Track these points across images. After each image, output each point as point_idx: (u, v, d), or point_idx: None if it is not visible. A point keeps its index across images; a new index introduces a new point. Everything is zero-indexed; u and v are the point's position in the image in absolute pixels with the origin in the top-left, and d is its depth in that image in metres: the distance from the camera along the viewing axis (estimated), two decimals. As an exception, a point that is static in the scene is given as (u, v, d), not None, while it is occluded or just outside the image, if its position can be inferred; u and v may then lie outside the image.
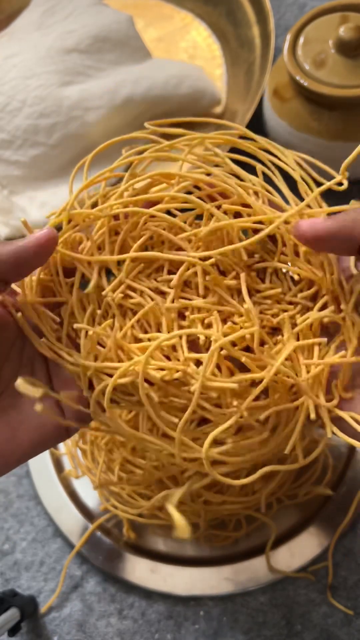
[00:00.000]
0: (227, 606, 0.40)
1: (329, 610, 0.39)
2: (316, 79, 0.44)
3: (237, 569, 0.39)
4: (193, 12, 0.64)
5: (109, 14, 0.57)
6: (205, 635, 0.39)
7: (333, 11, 0.46)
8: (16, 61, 0.54)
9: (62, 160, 0.54)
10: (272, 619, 0.39)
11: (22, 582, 0.42)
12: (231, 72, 0.60)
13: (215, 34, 0.63)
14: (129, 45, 0.57)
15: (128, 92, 0.54)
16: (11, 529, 0.44)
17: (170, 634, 0.39)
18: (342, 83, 0.43)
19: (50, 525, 0.44)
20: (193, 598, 0.40)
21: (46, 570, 0.43)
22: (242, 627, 0.39)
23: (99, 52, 0.55)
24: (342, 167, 0.26)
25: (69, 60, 0.54)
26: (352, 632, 0.38)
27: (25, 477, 0.46)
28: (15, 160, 0.53)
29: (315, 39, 0.45)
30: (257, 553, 0.40)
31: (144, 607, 0.40)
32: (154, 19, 0.65)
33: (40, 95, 0.52)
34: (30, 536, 0.44)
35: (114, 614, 0.40)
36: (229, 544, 0.39)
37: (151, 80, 0.54)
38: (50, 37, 0.55)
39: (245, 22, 0.59)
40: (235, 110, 0.56)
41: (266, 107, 0.50)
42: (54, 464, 0.45)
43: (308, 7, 0.63)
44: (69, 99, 0.52)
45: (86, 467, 0.40)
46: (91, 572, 0.42)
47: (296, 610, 0.39)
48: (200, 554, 0.40)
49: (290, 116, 0.47)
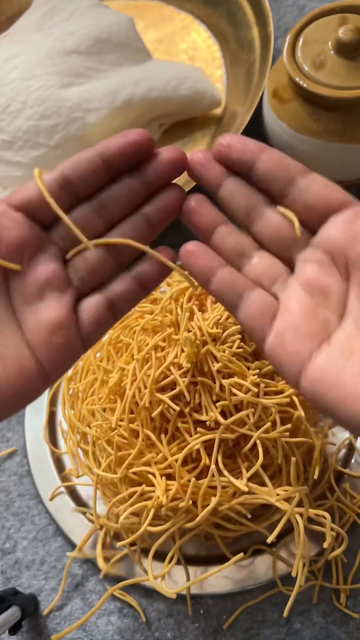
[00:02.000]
0: (227, 604, 0.40)
1: (328, 608, 0.39)
2: (315, 80, 0.44)
3: (236, 568, 0.40)
4: (193, 14, 0.65)
5: (109, 16, 0.57)
6: (205, 633, 0.39)
7: (332, 13, 0.46)
8: (17, 62, 0.54)
9: (63, 161, 0.54)
10: (271, 617, 0.39)
11: (22, 581, 0.43)
12: (231, 74, 0.60)
13: (215, 35, 0.63)
14: (130, 46, 0.57)
15: (128, 93, 0.54)
16: (12, 527, 0.45)
17: (170, 633, 0.39)
18: (342, 84, 0.43)
19: (51, 524, 0.44)
20: (193, 596, 0.40)
21: (47, 569, 0.43)
22: (242, 626, 0.39)
23: (99, 54, 0.55)
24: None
25: (69, 62, 0.54)
26: (351, 631, 0.38)
27: (26, 476, 0.46)
28: (16, 161, 0.54)
29: (314, 41, 0.45)
30: (257, 552, 0.40)
31: (144, 606, 0.40)
32: (155, 20, 0.65)
33: (41, 97, 0.52)
34: (31, 535, 0.44)
35: (115, 613, 0.40)
36: (229, 542, 0.40)
37: (151, 82, 0.55)
38: (50, 39, 0.55)
39: (245, 24, 0.59)
40: (234, 111, 0.56)
41: (265, 109, 0.51)
42: (55, 463, 0.45)
43: (307, 9, 0.63)
44: (69, 101, 0.53)
45: (87, 466, 0.41)
46: (91, 570, 0.42)
47: (295, 608, 0.39)
48: (200, 553, 0.41)
49: (290, 117, 0.47)
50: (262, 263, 0.25)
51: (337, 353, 0.22)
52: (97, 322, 0.25)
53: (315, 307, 0.24)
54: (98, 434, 0.37)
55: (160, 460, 0.35)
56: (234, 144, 0.25)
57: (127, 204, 0.25)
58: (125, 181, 0.25)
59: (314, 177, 0.25)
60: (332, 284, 0.24)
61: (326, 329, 0.23)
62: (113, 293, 0.25)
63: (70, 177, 0.25)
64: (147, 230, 0.25)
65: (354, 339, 0.23)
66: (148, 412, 0.35)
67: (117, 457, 0.36)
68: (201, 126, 0.58)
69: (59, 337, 0.24)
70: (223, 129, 0.56)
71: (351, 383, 0.22)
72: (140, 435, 0.35)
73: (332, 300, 0.24)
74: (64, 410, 0.42)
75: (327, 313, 0.24)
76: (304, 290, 0.24)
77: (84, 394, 0.41)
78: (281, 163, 0.25)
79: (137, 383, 0.35)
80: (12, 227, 0.24)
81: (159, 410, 0.34)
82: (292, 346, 0.23)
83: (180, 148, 0.25)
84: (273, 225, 0.25)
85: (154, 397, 0.35)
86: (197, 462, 0.35)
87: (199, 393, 0.34)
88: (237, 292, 0.25)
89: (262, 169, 0.25)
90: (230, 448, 0.35)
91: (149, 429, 0.35)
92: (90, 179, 0.25)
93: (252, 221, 0.25)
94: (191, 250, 0.25)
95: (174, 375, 0.34)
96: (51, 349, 0.24)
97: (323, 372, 0.22)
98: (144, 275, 0.26)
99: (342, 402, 0.22)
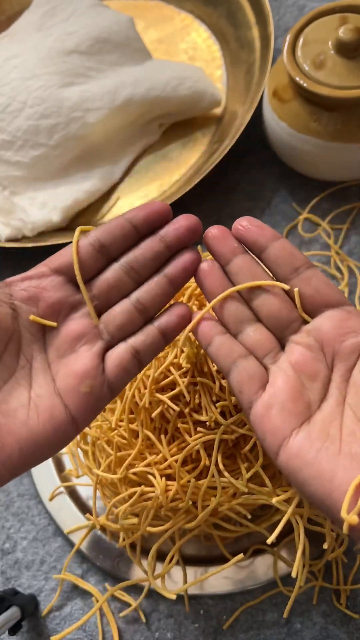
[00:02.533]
0: (227, 605, 0.40)
1: (328, 609, 0.39)
2: (316, 80, 0.44)
3: (236, 568, 0.40)
4: (193, 14, 0.65)
5: (109, 16, 0.57)
6: (205, 633, 0.39)
7: (332, 12, 0.46)
8: (17, 62, 0.54)
9: (63, 161, 0.54)
10: (271, 617, 0.39)
11: (22, 581, 0.43)
12: (231, 73, 0.60)
13: (215, 35, 0.63)
14: (130, 46, 0.57)
15: (128, 93, 0.54)
16: (12, 528, 0.45)
17: (170, 633, 0.39)
18: (342, 84, 0.43)
19: (50, 524, 0.44)
20: (193, 597, 0.40)
21: (47, 569, 0.43)
22: (242, 626, 0.39)
23: (99, 54, 0.55)
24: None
25: (69, 62, 0.54)
26: (351, 631, 0.38)
27: (25, 476, 0.46)
28: (16, 161, 0.54)
29: (314, 40, 0.45)
30: (256, 552, 0.40)
31: (144, 606, 0.40)
32: (155, 20, 0.65)
33: (40, 96, 0.52)
34: (30, 535, 0.44)
35: (114, 613, 0.40)
36: (229, 543, 0.40)
37: (151, 82, 0.55)
38: (50, 39, 0.55)
39: (245, 24, 0.59)
40: (234, 111, 0.56)
41: (266, 108, 0.50)
42: (55, 463, 0.45)
43: (307, 9, 0.63)
44: (69, 100, 0.53)
45: (87, 466, 0.41)
46: (91, 571, 0.42)
47: (296, 608, 0.39)
48: (200, 553, 0.41)
49: (290, 117, 0.47)
50: (257, 334, 0.28)
51: (315, 434, 0.25)
52: (123, 369, 0.27)
53: (302, 388, 0.26)
54: (98, 434, 0.37)
55: (160, 460, 0.35)
56: (252, 227, 0.28)
57: (152, 264, 0.28)
58: (150, 245, 0.28)
59: (317, 272, 0.28)
60: (320, 370, 0.27)
61: (308, 410, 0.26)
62: (138, 342, 0.28)
63: (104, 241, 0.28)
64: (169, 288, 0.28)
65: (331, 424, 0.25)
66: (148, 412, 0.35)
67: (117, 457, 0.36)
68: (201, 126, 0.58)
69: (86, 386, 0.26)
70: (223, 128, 0.56)
71: (325, 464, 0.24)
72: (140, 436, 0.35)
73: (317, 385, 0.26)
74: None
75: (311, 395, 0.26)
76: (293, 370, 0.27)
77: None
78: (291, 253, 0.28)
79: (136, 383, 0.35)
80: (51, 289, 0.27)
81: (158, 411, 0.34)
82: (276, 420, 0.26)
83: (195, 217, 0.28)
84: (272, 305, 0.28)
85: (153, 397, 0.35)
86: (197, 463, 0.35)
87: (199, 393, 0.34)
88: (231, 358, 0.27)
89: (272, 255, 0.27)
90: (230, 448, 0.35)
91: (149, 430, 0.35)
92: (121, 241, 0.28)
93: (254, 297, 0.28)
94: (204, 268, 0.29)
95: (173, 375, 0.34)
96: (78, 397, 0.26)
97: (300, 449, 0.25)
98: (166, 326, 0.28)
99: (315, 480, 0.24)
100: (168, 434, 0.35)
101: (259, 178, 0.55)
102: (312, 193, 0.53)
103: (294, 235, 0.52)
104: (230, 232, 0.28)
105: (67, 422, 0.26)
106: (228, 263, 0.28)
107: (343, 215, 0.52)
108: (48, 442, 0.26)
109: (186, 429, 0.35)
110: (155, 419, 0.35)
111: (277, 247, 0.27)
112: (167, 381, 0.35)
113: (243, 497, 0.34)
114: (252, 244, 0.28)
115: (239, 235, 0.28)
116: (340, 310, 0.27)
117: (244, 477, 0.34)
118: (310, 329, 0.27)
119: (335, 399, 0.26)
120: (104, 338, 0.28)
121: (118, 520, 0.36)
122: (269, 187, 0.55)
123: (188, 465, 0.35)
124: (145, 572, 0.36)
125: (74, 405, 0.26)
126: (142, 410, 0.35)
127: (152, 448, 0.36)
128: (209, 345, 0.28)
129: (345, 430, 0.25)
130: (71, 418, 0.26)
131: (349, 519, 0.22)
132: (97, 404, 0.27)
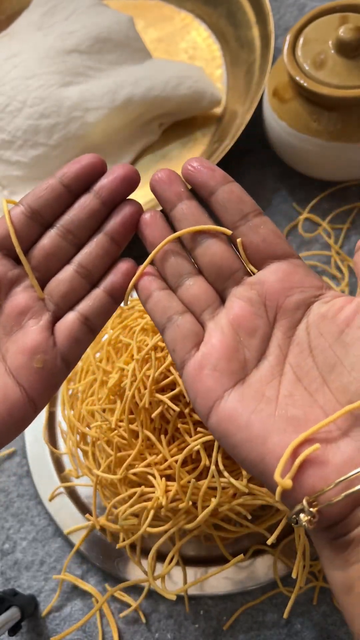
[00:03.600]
0: (227, 605, 0.40)
1: (328, 609, 0.39)
2: (316, 80, 0.44)
3: (236, 568, 0.39)
4: (193, 13, 0.64)
5: (109, 15, 0.57)
6: (205, 634, 0.39)
7: (333, 12, 0.46)
8: (16, 61, 0.54)
9: (63, 160, 0.54)
10: (271, 618, 0.39)
11: (22, 582, 0.43)
12: (231, 73, 0.60)
13: (215, 34, 0.63)
14: (130, 46, 0.57)
15: (128, 92, 0.54)
16: (11, 528, 0.44)
17: (170, 634, 0.39)
18: (342, 84, 0.43)
19: (50, 524, 0.44)
20: (193, 597, 0.40)
21: (46, 569, 0.43)
22: (242, 627, 0.39)
23: (99, 53, 0.55)
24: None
25: (69, 61, 0.54)
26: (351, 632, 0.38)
27: (25, 477, 0.46)
28: (15, 161, 0.54)
29: (315, 40, 0.45)
30: (257, 552, 0.40)
31: (143, 607, 0.40)
32: (154, 19, 0.65)
33: (40, 96, 0.52)
34: (30, 536, 0.44)
35: (114, 613, 0.40)
36: (229, 543, 0.39)
37: (151, 81, 0.55)
38: (50, 38, 0.55)
39: (245, 23, 0.59)
40: (234, 110, 0.56)
41: (266, 108, 0.50)
42: (55, 463, 0.45)
43: (308, 8, 0.63)
44: (69, 100, 0.53)
45: (87, 467, 0.41)
46: (91, 571, 0.42)
47: (296, 609, 0.39)
48: (200, 553, 0.40)
49: (290, 117, 0.47)
50: (196, 288, 0.26)
51: (249, 395, 0.23)
52: (74, 339, 0.26)
53: (237, 345, 0.24)
54: (98, 435, 0.37)
55: (160, 461, 0.35)
56: (202, 168, 0.26)
57: (90, 224, 0.26)
58: (84, 203, 0.26)
59: (267, 220, 0.26)
60: (259, 326, 0.25)
61: (244, 369, 0.24)
62: (86, 309, 0.26)
63: (36, 207, 0.26)
64: (112, 246, 0.27)
65: (268, 384, 0.23)
66: (148, 412, 0.35)
67: (117, 457, 0.36)
68: (201, 126, 0.58)
69: (37, 361, 0.25)
70: (223, 128, 0.56)
71: (258, 426, 0.22)
72: (140, 436, 0.35)
73: (255, 342, 0.24)
74: (64, 411, 0.42)
75: (247, 353, 0.24)
76: (231, 327, 0.25)
77: (84, 395, 0.41)
78: (240, 198, 0.26)
79: (136, 383, 0.35)
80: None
81: (158, 411, 0.34)
82: (208, 381, 0.24)
83: (130, 165, 0.26)
84: (214, 253, 0.26)
85: (153, 397, 0.35)
86: (197, 463, 0.35)
87: None
88: (167, 314, 0.26)
89: (220, 198, 0.26)
90: None
91: (149, 430, 0.35)
92: (55, 205, 0.26)
93: (196, 245, 0.26)
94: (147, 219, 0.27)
95: (173, 375, 0.34)
96: (32, 374, 0.25)
97: (233, 412, 0.23)
98: (112, 286, 0.27)
99: (247, 443, 0.22)
100: (168, 435, 0.35)
101: (259, 178, 0.55)
102: (312, 193, 0.53)
103: (294, 235, 0.52)
104: (178, 176, 0.27)
105: (23, 402, 0.25)
106: (171, 210, 0.26)
107: (343, 215, 0.52)
108: (4, 426, 0.24)
109: (186, 429, 0.34)
110: (155, 419, 0.35)
111: (226, 191, 0.25)
112: (167, 381, 0.35)
113: (243, 497, 0.34)
114: (201, 186, 0.26)
115: (188, 176, 0.26)
116: (287, 263, 0.25)
117: (244, 477, 0.33)
118: (254, 281, 0.25)
119: (275, 357, 0.24)
120: (50, 309, 0.27)
121: (118, 520, 0.36)
122: (269, 187, 0.55)
123: (188, 465, 0.35)
124: (145, 572, 0.36)
125: (28, 383, 0.25)
126: (142, 410, 0.35)
127: (152, 448, 0.36)
128: (146, 301, 0.26)
129: (282, 391, 0.23)
130: (27, 397, 0.25)
131: (283, 483, 0.20)
132: (53, 379, 0.26)
